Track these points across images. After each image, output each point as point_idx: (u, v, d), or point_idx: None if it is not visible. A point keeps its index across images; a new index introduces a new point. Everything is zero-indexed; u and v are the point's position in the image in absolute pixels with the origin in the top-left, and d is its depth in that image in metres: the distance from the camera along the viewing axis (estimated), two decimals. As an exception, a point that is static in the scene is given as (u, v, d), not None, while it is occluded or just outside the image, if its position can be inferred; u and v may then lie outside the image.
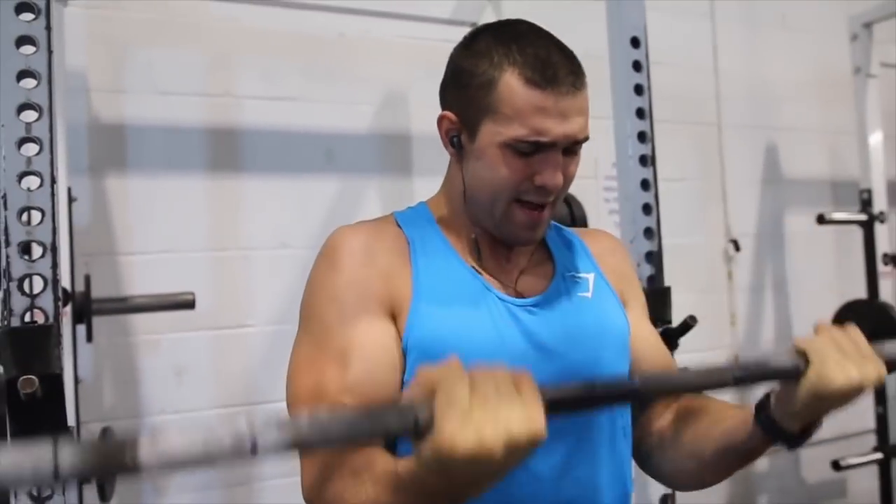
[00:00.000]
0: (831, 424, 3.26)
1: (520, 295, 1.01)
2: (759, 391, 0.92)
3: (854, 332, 0.89)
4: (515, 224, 0.98)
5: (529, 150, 0.93)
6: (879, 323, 2.63)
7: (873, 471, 2.81)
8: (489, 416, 0.66)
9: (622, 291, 1.10)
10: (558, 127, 0.92)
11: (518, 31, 0.98)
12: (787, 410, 0.88)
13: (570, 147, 0.96)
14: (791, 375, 0.85)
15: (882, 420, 2.75)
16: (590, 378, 0.84)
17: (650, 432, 1.08)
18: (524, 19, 1.02)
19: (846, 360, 0.85)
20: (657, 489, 1.68)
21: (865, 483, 2.95)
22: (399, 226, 1.02)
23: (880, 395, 2.74)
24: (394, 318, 0.94)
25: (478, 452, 0.65)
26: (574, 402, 0.77)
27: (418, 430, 0.67)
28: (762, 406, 0.92)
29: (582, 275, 1.06)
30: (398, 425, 0.68)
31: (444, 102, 1.03)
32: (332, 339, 0.92)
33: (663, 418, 1.08)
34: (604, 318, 1.04)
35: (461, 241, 1.03)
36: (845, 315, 2.74)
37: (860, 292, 2.78)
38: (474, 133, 0.97)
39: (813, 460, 3.00)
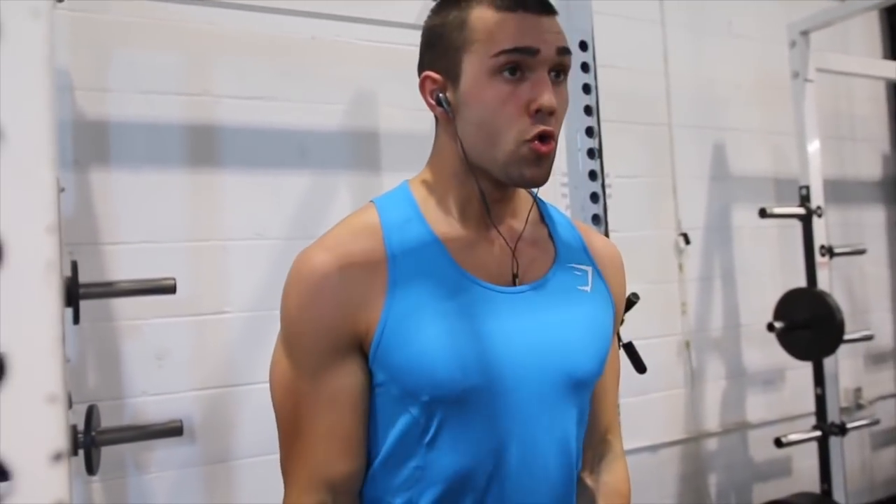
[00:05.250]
0: (776, 407, 3.47)
1: (514, 279, 0.96)
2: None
3: None
4: (521, 160, 0.90)
5: (515, 69, 0.89)
6: (816, 309, 2.83)
7: (814, 449, 3.00)
8: None
9: (615, 299, 1.06)
10: (537, 38, 0.90)
11: None
12: None
13: (556, 67, 0.92)
14: None
15: (821, 400, 2.93)
16: None
17: None
18: None
19: None
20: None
21: (808, 461, 3.14)
22: (380, 221, 0.95)
23: (818, 378, 2.94)
24: (362, 340, 0.90)
25: None
26: None
27: None
28: None
29: (580, 266, 1.02)
30: None
31: (422, 67, 0.98)
32: (304, 369, 0.91)
33: (582, 473, 1.07)
34: (602, 320, 1.00)
35: (448, 217, 0.97)
36: (787, 302, 2.94)
37: (800, 281, 2.98)
38: (457, 78, 0.93)
39: (759, 440, 3.18)
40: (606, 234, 1.83)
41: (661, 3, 3.10)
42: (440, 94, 0.95)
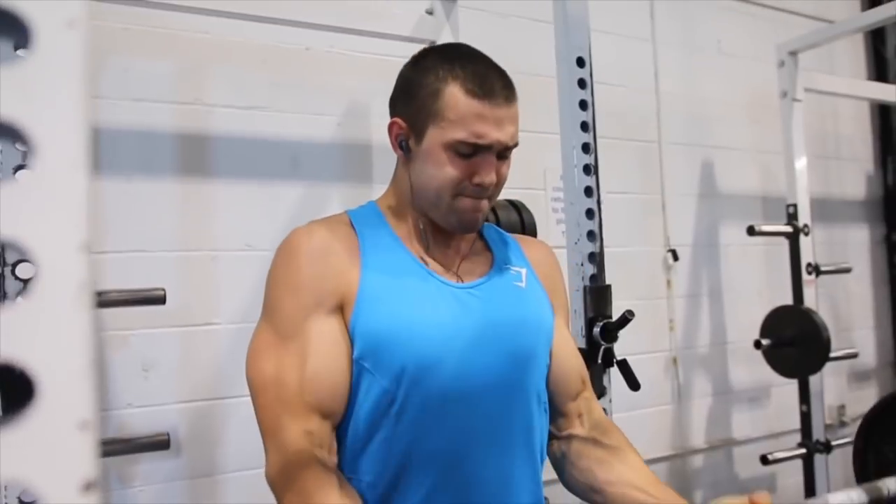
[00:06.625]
0: (761, 424, 3.48)
1: (460, 280, 1.16)
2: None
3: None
4: (459, 212, 1.12)
5: (469, 152, 1.08)
6: (803, 326, 2.84)
7: (800, 466, 3.01)
8: None
9: (550, 294, 1.26)
10: (493, 132, 1.08)
11: (460, 51, 1.16)
12: None
13: (503, 152, 1.12)
14: None
15: (806, 418, 2.94)
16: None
17: (561, 435, 1.25)
18: (465, 43, 1.23)
19: None
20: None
21: (793, 478, 3.15)
22: (351, 223, 1.16)
23: (804, 395, 2.95)
24: (342, 309, 1.07)
25: None
26: None
27: None
28: None
29: (516, 268, 1.23)
30: None
31: (394, 111, 1.18)
32: (290, 330, 1.05)
33: (576, 429, 1.25)
34: (537, 308, 1.21)
35: (408, 233, 1.18)
36: (773, 320, 2.95)
37: (787, 298, 2.99)
38: (421, 137, 1.11)
39: (745, 457, 3.19)
40: (601, 250, 1.83)
41: (652, 22, 3.12)
42: (403, 140, 1.14)
